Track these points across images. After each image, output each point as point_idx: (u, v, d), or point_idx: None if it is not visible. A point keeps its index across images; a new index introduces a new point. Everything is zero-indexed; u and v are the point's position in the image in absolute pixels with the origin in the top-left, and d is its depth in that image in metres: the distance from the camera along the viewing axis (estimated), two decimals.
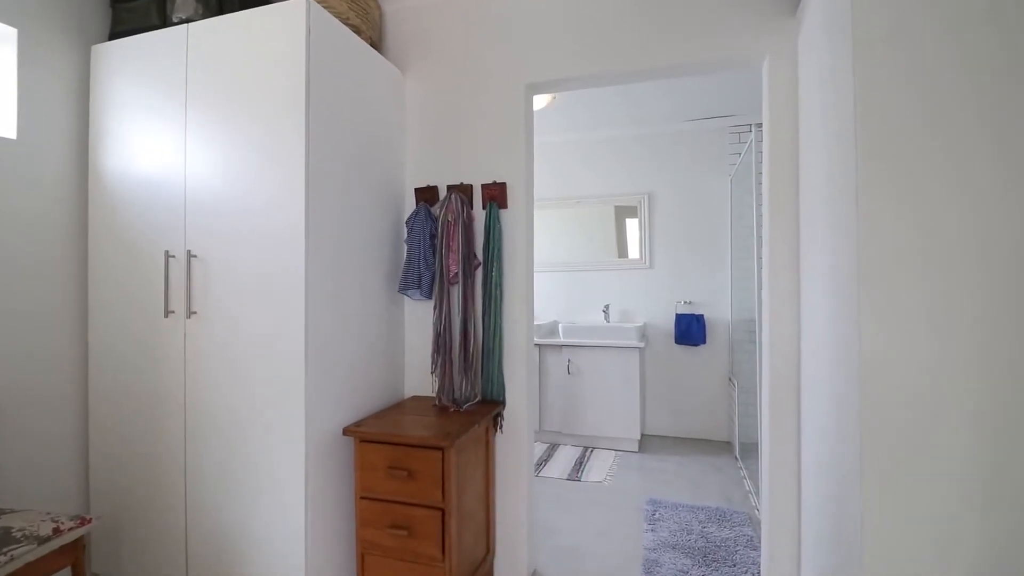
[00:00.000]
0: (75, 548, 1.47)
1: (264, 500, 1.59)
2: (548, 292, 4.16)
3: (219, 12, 1.80)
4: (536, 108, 2.98)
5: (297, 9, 1.56)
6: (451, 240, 1.92)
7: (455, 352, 1.91)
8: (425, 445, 1.58)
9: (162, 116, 1.73)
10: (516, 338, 1.98)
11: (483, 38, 2.05)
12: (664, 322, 3.90)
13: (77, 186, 1.85)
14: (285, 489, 1.57)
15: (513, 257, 1.99)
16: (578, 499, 2.80)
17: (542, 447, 3.65)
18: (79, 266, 1.85)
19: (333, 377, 1.68)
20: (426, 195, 2.07)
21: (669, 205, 3.92)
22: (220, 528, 1.65)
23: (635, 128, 3.88)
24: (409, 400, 2.03)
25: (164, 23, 1.83)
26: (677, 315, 3.79)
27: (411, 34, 2.15)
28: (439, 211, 1.96)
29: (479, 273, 1.99)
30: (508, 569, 1.99)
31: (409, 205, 2.12)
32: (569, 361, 3.62)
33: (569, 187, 4.13)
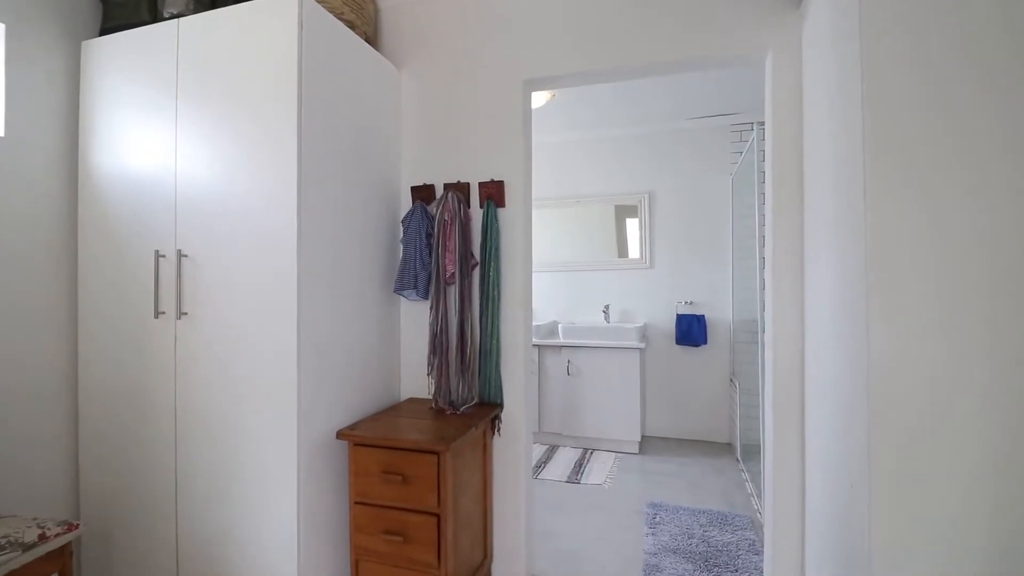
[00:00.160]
0: (62, 554, 1.44)
1: (255, 504, 1.56)
2: (547, 292, 4.13)
3: (210, 7, 1.77)
4: (535, 105, 2.95)
5: (289, 4, 1.53)
6: (448, 239, 1.88)
7: (452, 353, 1.87)
8: (420, 449, 1.54)
9: (153, 113, 1.70)
10: (514, 339, 1.94)
11: (480, 33, 2.02)
12: (665, 322, 3.87)
13: (67, 184, 1.81)
14: (277, 493, 1.53)
15: (511, 256, 1.95)
16: (577, 502, 2.76)
17: (541, 449, 3.61)
18: (68, 266, 1.81)
19: (326, 379, 1.64)
20: (422, 193, 2.04)
21: (670, 204, 3.88)
22: (211, 533, 1.62)
23: (635, 127, 3.85)
24: (405, 402, 2.00)
25: (155, 18, 1.80)
26: (678, 315, 3.75)
27: (407, 29, 2.12)
28: (435, 210, 1.93)
29: (476, 273, 1.96)
30: (506, 574, 1.95)
31: (405, 204, 2.09)
32: (569, 362, 3.58)
33: (569, 186, 4.10)
